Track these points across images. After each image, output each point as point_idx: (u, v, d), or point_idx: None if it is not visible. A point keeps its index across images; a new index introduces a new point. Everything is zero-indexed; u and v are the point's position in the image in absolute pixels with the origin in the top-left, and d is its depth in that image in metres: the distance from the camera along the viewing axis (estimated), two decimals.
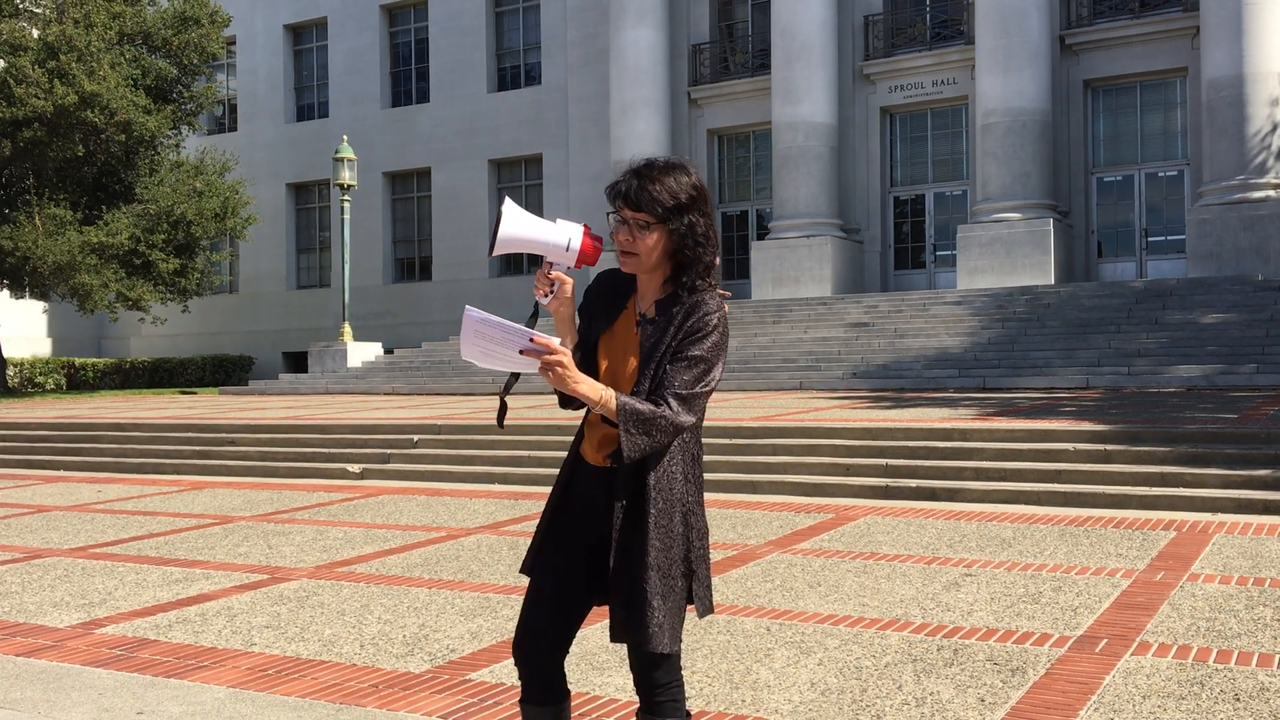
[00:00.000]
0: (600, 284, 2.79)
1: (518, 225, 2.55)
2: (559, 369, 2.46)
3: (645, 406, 2.53)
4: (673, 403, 2.55)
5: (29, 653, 5.29)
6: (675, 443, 2.65)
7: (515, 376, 2.68)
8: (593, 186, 28.71)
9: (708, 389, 2.61)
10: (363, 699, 4.44)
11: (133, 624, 5.78)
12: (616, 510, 2.63)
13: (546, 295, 2.60)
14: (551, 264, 2.60)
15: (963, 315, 20.34)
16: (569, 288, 2.61)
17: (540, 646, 2.77)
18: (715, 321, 2.61)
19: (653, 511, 2.61)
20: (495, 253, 2.60)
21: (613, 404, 2.52)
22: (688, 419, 2.58)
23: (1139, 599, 5.71)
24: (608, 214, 2.71)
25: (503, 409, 2.76)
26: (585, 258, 2.58)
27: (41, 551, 8.11)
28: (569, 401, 2.69)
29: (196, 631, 5.58)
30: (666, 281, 2.68)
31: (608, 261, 2.80)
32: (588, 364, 2.72)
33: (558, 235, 2.56)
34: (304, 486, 11.71)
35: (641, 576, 2.60)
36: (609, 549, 2.68)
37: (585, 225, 2.62)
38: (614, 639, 2.68)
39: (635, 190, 2.60)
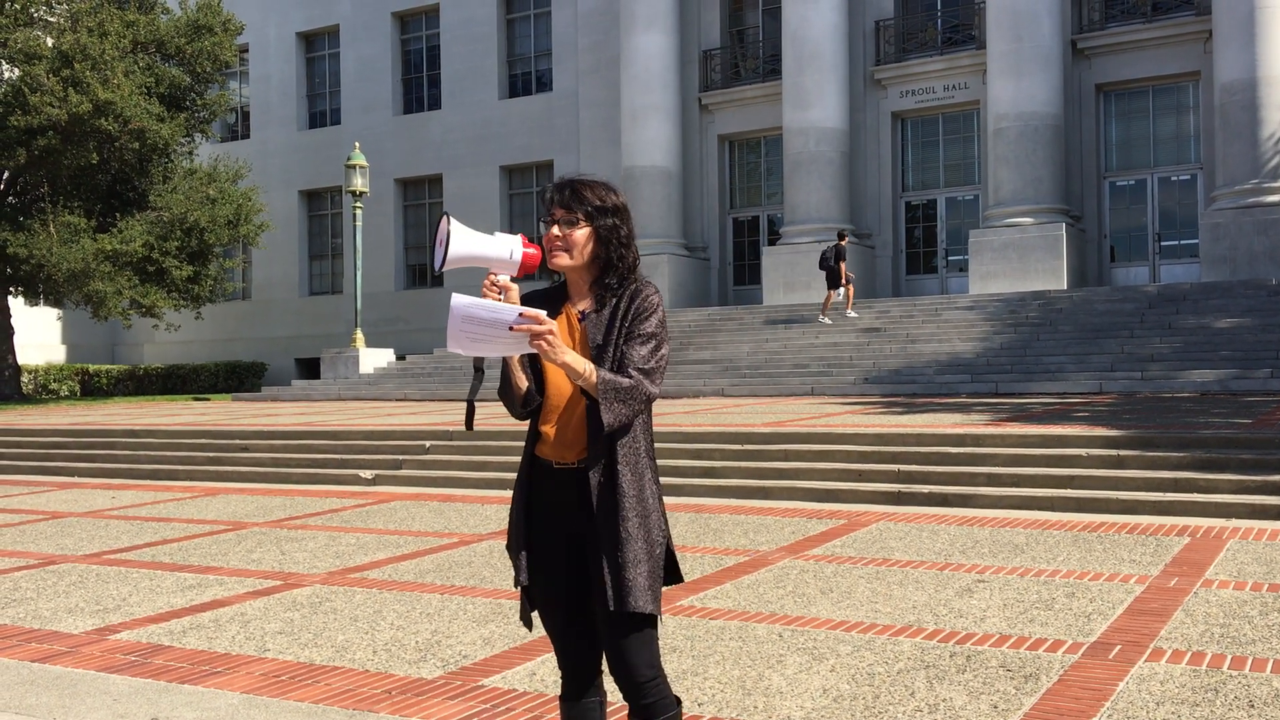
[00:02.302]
0: (531, 298, 2.95)
1: (465, 243, 2.72)
2: (549, 338, 2.61)
3: (623, 379, 2.74)
4: (639, 376, 2.75)
5: (44, 658, 5.31)
6: (638, 421, 2.82)
7: (479, 380, 2.87)
8: None
9: (663, 363, 2.82)
10: (376, 705, 4.45)
11: (147, 630, 5.80)
12: (595, 490, 2.77)
13: (497, 300, 2.75)
14: (495, 274, 2.78)
15: (975, 320, 20.29)
16: (515, 293, 2.81)
17: (576, 653, 2.93)
18: (656, 302, 2.85)
19: (625, 486, 2.78)
20: (445, 269, 2.77)
21: (594, 378, 2.70)
22: (655, 390, 2.78)
23: (1153, 605, 5.69)
24: (540, 219, 2.93)
25: (471, 411, 2.94)
26: (526, 267, 2.77)
27: (56, 558, 8.15)
28: (526, 402, 2.84)
29: (210, 637, 5.60)
30: (596, 282, 2.89)
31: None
32: (534, 365, 2.88)
33: (500, 248, 2.75)
34: (317, 493, 11.74)
35: (626, 544, 2.75)
36: (588, 539, 2.83)
37: (523, 235, 2.81)
38: (598, 605, 2.80)
39: (569, 193, 2.85)
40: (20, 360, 30.71)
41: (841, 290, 21.80)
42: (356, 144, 27.65)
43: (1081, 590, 6.07)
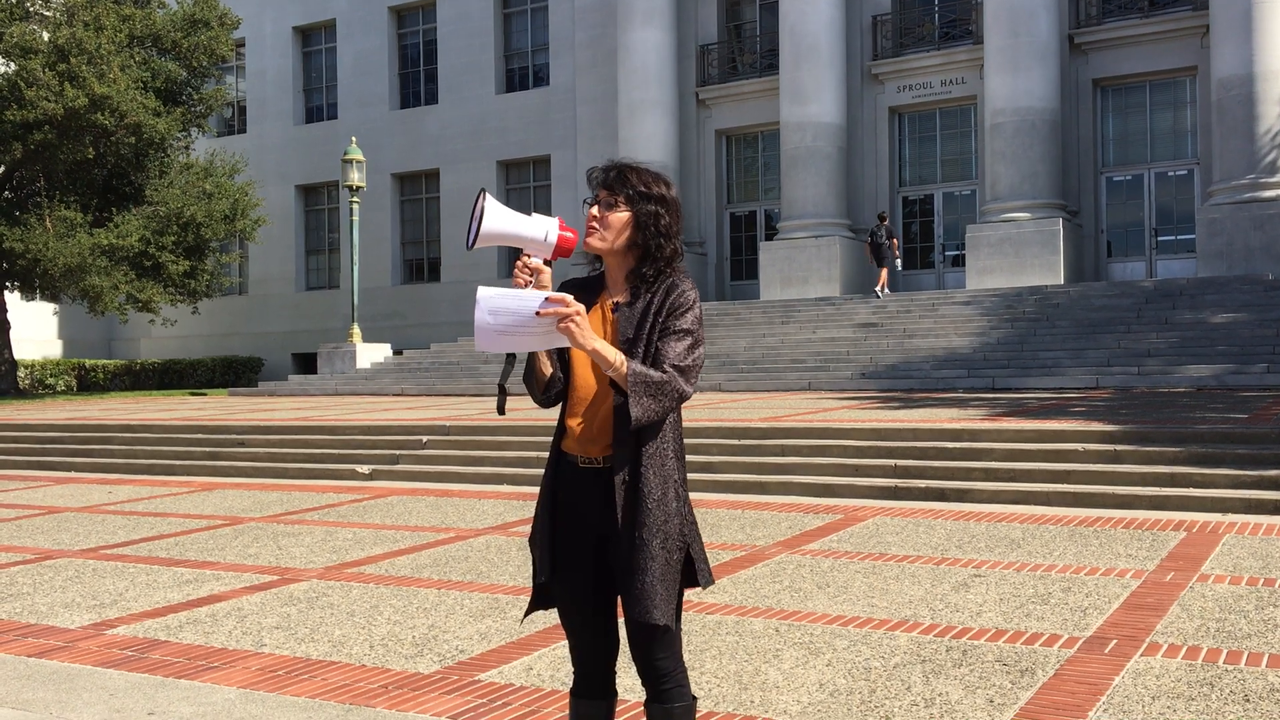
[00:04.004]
0: (567, 286, 2.88)
1: (499, 220, 2.65)
2: (576, 321, 2.55)
3: (655, 373, 2.65)
4: (672, 373, 2.67)
5: (40, 653, 5.31)
6: (667, 422, 2.75)
7: (510, 364, 2.78)
8: None
9: (698, 361, 2.73)
10: (372, 700, 4.45)
11: (144, 625, 5.80)
12: (618, 489, 2.70)
13: (527, 284, 2.69)
14: (529, 255, 2.71)
15: (972, 315, 20.30)
16: (547, 276, 2.72)
17: (592, 652, 2.90)
18: (693, 298, 2.77)
19: (647, 488, 2.71)
20: (476, 246, 2.70)
21: (624, 369, 2.62)
22: (689, 389, 2.70)
23: (1148, 600, 5.70)
24: (584, 200, 2.87)
25: (503, 396, 2.88)
26: (561, 249, 2.69)
27: (53, 552, 8.15)
28: (549, 388, 2.78)
29: (207, 632, 5.60)
30: (633, 272, 2.81)
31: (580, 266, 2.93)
32: (563, 360, 2.81)
33: (535, 229, 2.67)
34: (313, 488, 11.74)
35: (640, 550, 2.69)
36: (611, 538, 2.77)
37: (560, 218, 2.73)
38: (626, 614, 2.76)
39: (614, 175, 2.78)
40: (17, 355, 30.67)
41: (886, 270, 23.21)
42: (353, 139, 27.63)
43: (1077, 585, 6.08)
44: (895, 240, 23.48)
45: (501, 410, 2.90)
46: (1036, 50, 22.77)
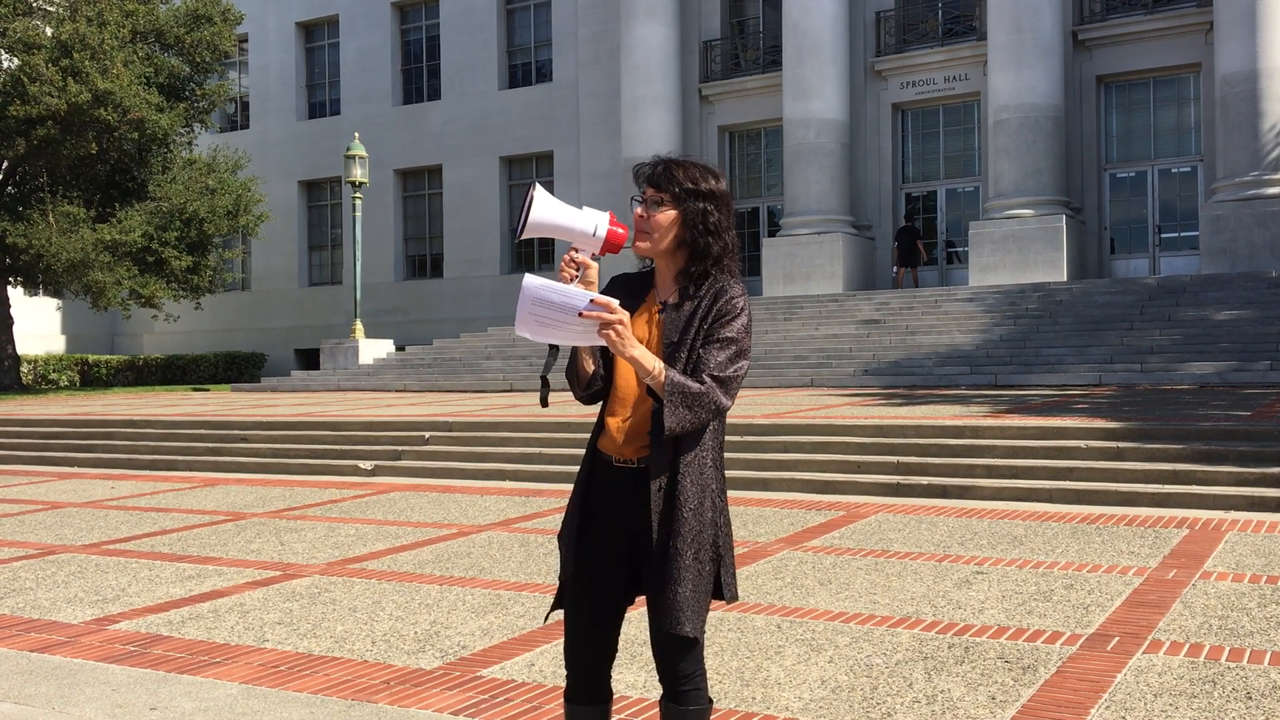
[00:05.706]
0: (614, 284, 2.84)
1: (548, 211, 2.61)
2: (619, 328, 2.49)
3: (693, 383, 2.59)
4: (711, 384, 2.61)
5: (43, 649, 5.32)
6: (708, 429, 2.70)
7: (554, 355, 2.72)
8: (604, 183, 28.74)
9: (741, 372, 2.66)
10: (374, 695, 4.45)
11: (146, 620, 5.81)
12: (654, 495, 2.66)
13: (573, 279, 2.65)
14: (577, 249, 2.66)
15: (975, 312, 20.29)
16: (594, 271, 2.68)
17: (592, 655, 2.84)
18: (741, 305, 2.69)
19: (684, 497, 2.66)
20: (524, 236, 2.65)
21: (662, 377, 2.57)
22: (727, 401, 2.63)
23: (1151, 597, 5.69)
24: (631, 198, 2.80)
25: (545, 389, 2.79)
26: (610, 245, 2.64)
27: (55, 548, 8.16)
28: (589, 385, 2.74)
29: (209, 628, 5.61)
30: (681, 272, 2.75)
31: (628, 260, 2.86)
32: (606, 358, 2.76)
33: (585, 222, 2.63)
34: (316, 483, 11.75)
35: (674, 560, 2.65)
36: (643, 541, 2.73)
37: (611, 213, 2.68)
38: (654, 621, 2.73)
39: (660, 171, 2.71)
40: (20, 350, 30.71)
41: (909, 270, 24.88)
42: (356, 134, 27.64)
43: (1080, 582, 6.07)
44: (920, 243, 24.95)
45: (544, 403, 2.81)
46: (1040, 46, 22.73)
